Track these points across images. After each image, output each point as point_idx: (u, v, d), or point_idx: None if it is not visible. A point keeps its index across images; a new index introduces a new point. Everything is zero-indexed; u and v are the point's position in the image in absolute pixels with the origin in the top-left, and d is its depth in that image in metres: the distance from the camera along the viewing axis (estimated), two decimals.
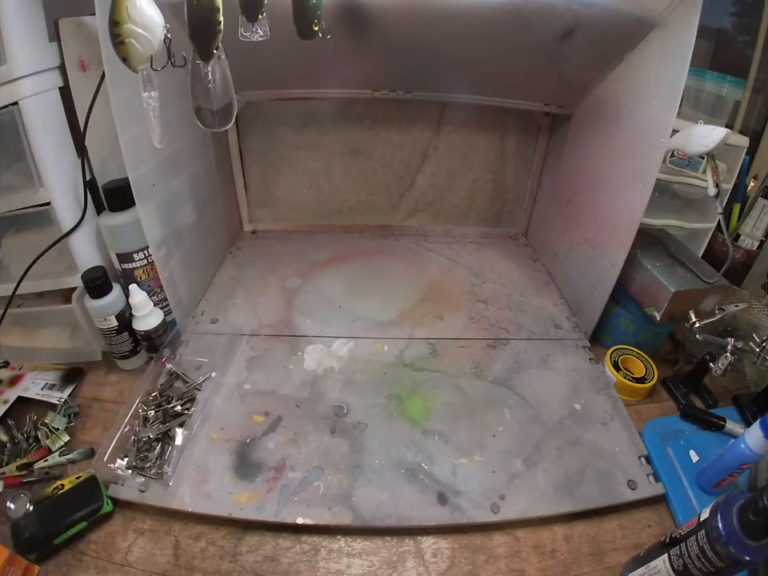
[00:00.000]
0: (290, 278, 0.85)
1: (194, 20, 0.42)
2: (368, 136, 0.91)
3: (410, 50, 0.67)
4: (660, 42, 0.57)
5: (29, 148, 0.54)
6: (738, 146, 0.77)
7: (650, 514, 0.52)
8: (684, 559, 0.39)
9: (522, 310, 0.80)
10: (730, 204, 0.85)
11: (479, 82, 0.78)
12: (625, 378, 0.65)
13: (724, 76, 0.77)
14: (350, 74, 0.77)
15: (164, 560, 0.46)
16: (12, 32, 0.50)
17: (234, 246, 0.96)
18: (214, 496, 0.50)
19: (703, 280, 0.63)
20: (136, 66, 0.44)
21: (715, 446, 0.54)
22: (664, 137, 0.56)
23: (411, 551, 0.48)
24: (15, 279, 0.59)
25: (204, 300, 0.80)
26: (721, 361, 0.60)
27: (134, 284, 0.64)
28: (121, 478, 0.51)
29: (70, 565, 0.46)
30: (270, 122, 0.89)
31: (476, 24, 0.61)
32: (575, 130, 0.81)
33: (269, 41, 0.47)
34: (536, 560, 0.48)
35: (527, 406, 0.62)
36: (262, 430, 0.57)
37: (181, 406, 0.58)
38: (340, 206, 0.99)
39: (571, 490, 0.52)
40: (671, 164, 0.77)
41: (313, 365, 0.67)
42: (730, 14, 0.87)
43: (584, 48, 0.63)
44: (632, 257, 0.64)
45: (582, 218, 0.77)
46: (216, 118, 0.49)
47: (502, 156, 0.94)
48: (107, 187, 0.62)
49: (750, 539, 0.35)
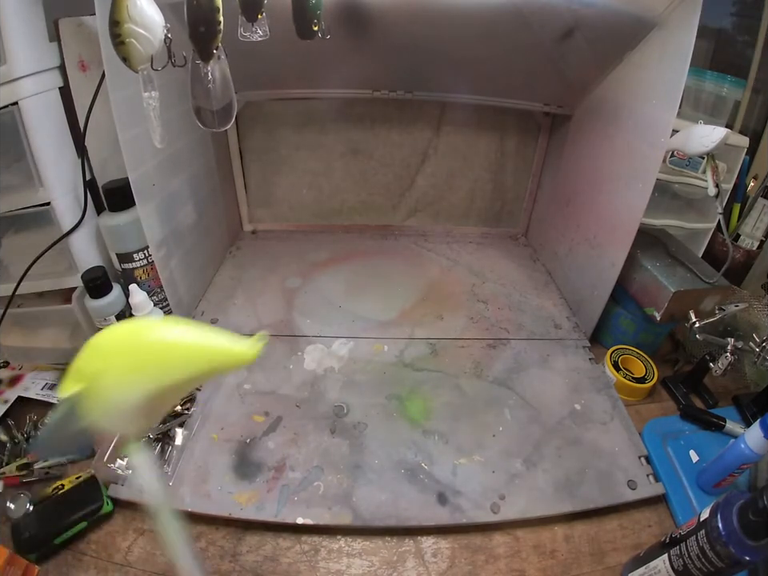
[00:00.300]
0: (290, 278, 0.85)
1: (194, 20, 0.42)
2: (368, 136, 0.91)
3: (409, 50, 0.67)
4: (660, 42, 0.57)
5: (29, 148, 0.54)
6: (738, 145, 0.77)
7: (650, 514, 0.52)
8: (684, 559, 0.39)
9: (522, 310, 0.80)
10: (730, 204, 0.85)
11: (479, 81, 0.78)
12: (625, 378, 0.65)
13: (724, 76, 0.77)
14: (350, 74, 0.77)
15: (164, 560, 0.46)
16: (12, 32, 0.49)
17: (234, 246, 0.96)
18: (214, 496, 0.50)
19: (703, 280, 0.63)
20: (136, 66, 0.44)
21: (715, 445, 0.54)
22: (664, 137, 0.56)
23: (411, 551, 0.48)
24: (15, 279, 0.59)
25: (204, 300, 0.80)
26: (721, 361, 0.60)
27: (134, 284, 0.64)
28: (121, 478, 0.51)
29: (69, 565, 0.46)
30: (270, 122, 0.89)
31: (476, 24, 0.61)
32: (575, 130, 0.81)
33: (269, 41, 0.47)
34: (536, 560, 0.48)
35: (527, 406, 0.62)
36: (262, 430, 0.57)
37: (181, 406, 0.58)
38: (340, 205, 0.99)
39: (571, 490, 0.52)
40: (671, 164, 0.77)
41: (313, 365, 0.67)
42: (729, 14, 0.87)
43: (584, 48, 0.63)
44: (632, 257, 0.64)
45: (582, 218, 0.77)
46: (216, 118, 0.49)
47: (502, 156, 0.94)
48: (107, 187, 0.62)
49: (749, 539, 0.35)
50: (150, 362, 0.23)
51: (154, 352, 0.23)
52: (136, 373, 0.22)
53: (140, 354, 0.23)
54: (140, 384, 0.22)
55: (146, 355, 0.23)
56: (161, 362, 0.23)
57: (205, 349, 0.24)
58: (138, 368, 0.22)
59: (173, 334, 0.23)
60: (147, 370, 0.23)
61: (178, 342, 0.23)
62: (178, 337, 0.23)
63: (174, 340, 0.23)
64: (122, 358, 0.23)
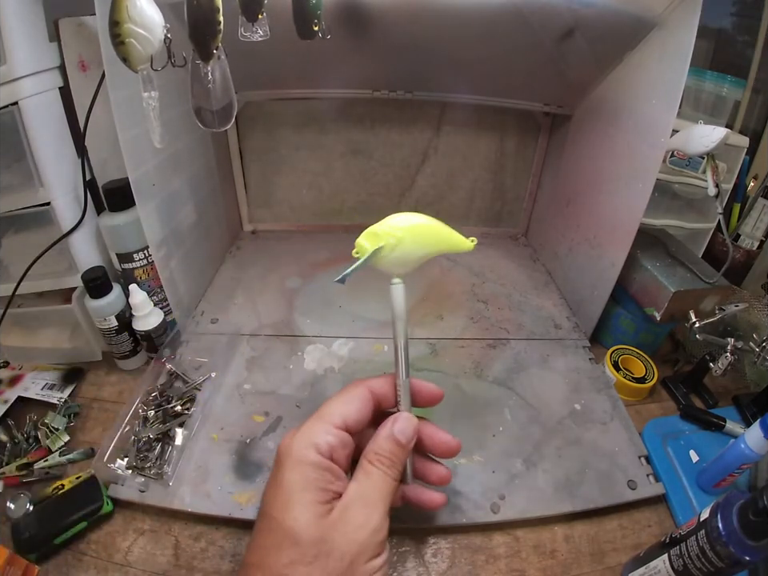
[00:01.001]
0: (290, 278, 0.85)
1: (194, 20, 0.42)
2: (368, 136, 0.91)
3: (409, 50, 0.67)
4: (660, 41, 0.57)
5: (29, 148, 0.54)
6: (738, 145, 0.77)
7: (650, 514, 0.52)
8: (684, 559, 0.39)
9: (521, 310, 0.80)
10: (730, 204, 0.85)
11: (479, 81, 0.78)
12: (625, 378, 0.65)
13: (724, 76, 0.77)
14: (350, 74, 0.77)
15: (164, 560, 0.46)
16: (12, 32, 0.50)
17: (234, 246, 0.96)
18: (214, 496, 0.50)
19: (703, 280, 0.63)
20: (136, 66, 0.44)
21: (715, 445, 0.54)
22: (664, 137, 0.56)
23: (411, 551, 0.48)
24: (15, 279, 0.59)
25: (204, 300, 0.80)
26: (721, 361, 0.60)
27: (134, 284, 0.64)
28: (121, 478, 0.51)
29: (69, 565, 0.46)
30: (270, 122, 0.89)
31: (476, 24, 0.61)
32: (575, 130, 0.81)
33: (269, 41, 0.47)
34: (536, 560, 0.48)
35: (527, 406, 0.62)
36: (262, 430, 0.57)
37: (181, 406, 0.58)
38: (340, 205, 0.99)
39: (571, 490, 0.52)
40: (671, 164, 0.77)
41: (313, 365, 0.67)
42: (730, 14, 0.87)
43: (584, 48, 0.63)
44: (632, 257, 0.64)
45: (582, 218, 0.77)
46: (216, 118, 0.49)
47: (502, 156, 0.94)
48: (107, 187, 0.62)
49: (750, 539, 0.35)
50: (427, 236, 0.39)
51: (429, 230, 0.39)
52: (419, 242, 0.39)
53: (422, 230, 0.39)
54: (421, 249, 0.39)
55: (425, 231, 0.39)
56: (432, 237, 0.39)
57: (452, 234, 0.40)
58: (421, 239, 0.39)
59: (436, 222, 0.40)
60: (426, 240, 0.39)
61: (440, 226, 0.40)
62: (439, 224, 0.40)
63: (438, 225, 0.40)
64: (413, 231, 0.39)
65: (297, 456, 0.33)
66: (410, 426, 0.38)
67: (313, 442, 0.34)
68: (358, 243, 0.40)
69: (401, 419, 0.38)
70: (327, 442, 0.34)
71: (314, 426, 0.35)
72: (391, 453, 0.36)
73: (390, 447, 0.36)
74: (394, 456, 0.36)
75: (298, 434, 0.34)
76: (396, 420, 0.38)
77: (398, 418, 0.38)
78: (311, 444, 0.33)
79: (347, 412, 0.37)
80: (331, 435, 0.35)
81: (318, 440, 0.34)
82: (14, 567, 0.42)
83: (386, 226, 0.39)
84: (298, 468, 0.33)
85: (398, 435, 0.37)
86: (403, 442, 0.37)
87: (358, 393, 0.39)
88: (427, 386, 0.42)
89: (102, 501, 0.48)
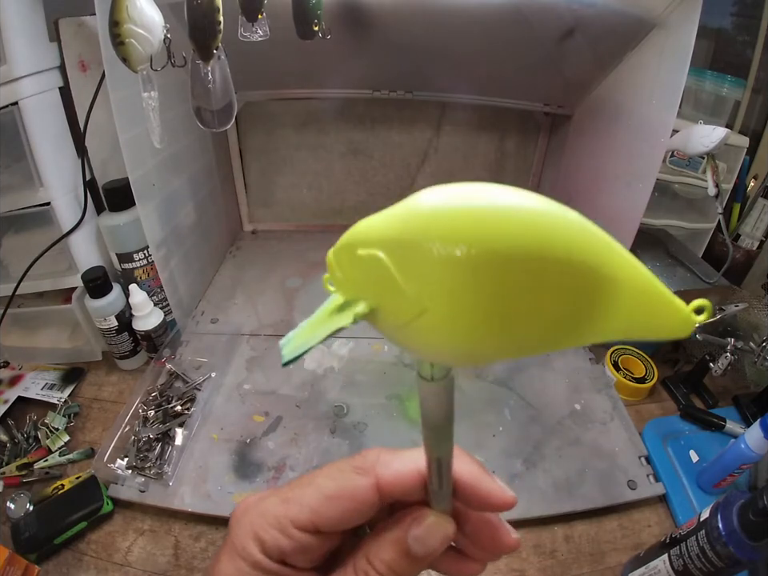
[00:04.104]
0: (290, 278, 0.85)
1: (194, 20, 0.42)
2: (368, 136, 0.91)
3: (409, 50, 0.67)
4: (660, 42, 0.57)
5: (29, 148, 0.54)
6: (738, 146, 0.77)
7: (650, 514, 0.52)
8: (684, 559, 0.39)
9: None
10: (730, 204, 0.85)
11: (479, 81, 0.78)
12: (625, 377, 0.65)
13: (724, 76, 0.77)
14: (349, 74, 0.77)
15: (164, 560, 0.46)
16: (12, 32, 0.50)
17: (234, 246, 0.96)
18: (214, 496, 0.50)
19: (703, 280, 0.63)
20: (136, 66, 0.44)
21: (715, 445, 0.54)
22: (664, 137, 0.56)
23: None
24: (15, 279, 0.59)
25: (204, 300, 0.80)
26: (721, 361, 0.60)
27: (134, 284, 0.64)
28: (121, 478, 0.51)
29: (69, 565, 0.46)
30: (270, 122, 0.89)
31: (476, 24, 0.61)
32: (575, 129, 0.81)
33: (269, 41, 0.47)
34: (536, 560, 0.47)
35: (527, 406, 0.62)
36: (262, 430, 0.57)
37: (181, 406, 0.58)
38: (340, 205, 0.99)
39: (571, 490, 0.52)
40: (671, 164, 0.77)
41: (313, 365, 0.67)
42: (729, 14, 0.87)
43: (584, 48, 0.63)
44: None
45: None
46: (216, 118, 0.49)
47: (501, 156, 0.94)
48: (107, 187, 0.62)
49: (749, 539, 0.35)
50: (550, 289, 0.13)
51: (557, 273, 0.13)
52: (515, 307, 0.13)
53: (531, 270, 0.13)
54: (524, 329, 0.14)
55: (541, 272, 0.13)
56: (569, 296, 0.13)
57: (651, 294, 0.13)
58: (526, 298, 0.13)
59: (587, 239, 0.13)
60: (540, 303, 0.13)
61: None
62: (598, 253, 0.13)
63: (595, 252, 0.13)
64: (490, 274, 0.13)
65: (238, 544, 0.22)
66: (435, 535, 0.22)
67: (258, 535, 0.22)
68: (330, 265, 0.17)
69: (425, 523, 0.23)
70: (277, 544, 0.21)
71: (270, 507, 0.22)
72: (394, 567, 0.22)
73: (393, 558, 0.22)
74: (396, 574, 0.22)
75: (250, 510, 0.23)
76: (417, 521, 0.23)
77: (421, 519, 0.23)
78: (255, 537, 0.22)
79: (324, 510, 0.22)
80: (285, 537, 0.21)
81: (265, 535, 0.22)
82: (14, 567, 0.42)
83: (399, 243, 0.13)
84: (233, 562, 0.22)
85: (413, 544, 0.22)
86: (419, 554, 0.22)
87: (355, 490, 0.22)
88: (491, 485, 0.24)
89: (102, 501, 0.48)
